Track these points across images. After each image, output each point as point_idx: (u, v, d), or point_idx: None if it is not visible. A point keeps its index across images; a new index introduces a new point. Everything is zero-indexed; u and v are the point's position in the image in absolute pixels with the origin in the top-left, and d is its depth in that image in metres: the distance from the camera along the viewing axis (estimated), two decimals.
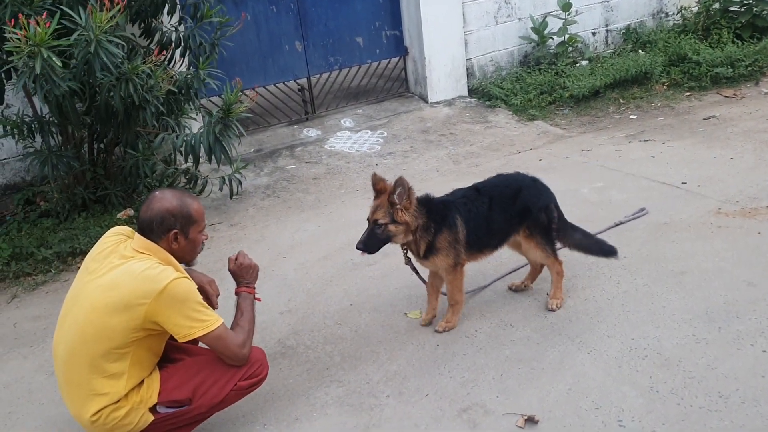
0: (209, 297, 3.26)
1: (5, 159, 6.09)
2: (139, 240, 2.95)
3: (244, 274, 3.22)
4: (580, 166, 5.94)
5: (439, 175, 6.12)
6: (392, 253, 4.66)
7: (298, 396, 3.46)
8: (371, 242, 3.53)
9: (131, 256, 2.89)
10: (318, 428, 3.24)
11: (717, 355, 3.35)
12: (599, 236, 4.16)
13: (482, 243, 3.77)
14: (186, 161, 5.70)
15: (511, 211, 3.77)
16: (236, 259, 3.24)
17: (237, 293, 3.20)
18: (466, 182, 3.96)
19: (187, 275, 2.94)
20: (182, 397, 2.98)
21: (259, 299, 3.26)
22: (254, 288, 3.22)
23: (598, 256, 4.02)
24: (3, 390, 3.81)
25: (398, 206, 3.48)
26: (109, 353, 2.82)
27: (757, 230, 4.44)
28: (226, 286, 3.38)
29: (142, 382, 2.95)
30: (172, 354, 3.13)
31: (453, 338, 3.76)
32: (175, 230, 2.93)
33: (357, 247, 3.53)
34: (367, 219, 3.58)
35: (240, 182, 5.89)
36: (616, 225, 4.71)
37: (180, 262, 3.02)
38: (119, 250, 2.95)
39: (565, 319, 3.80)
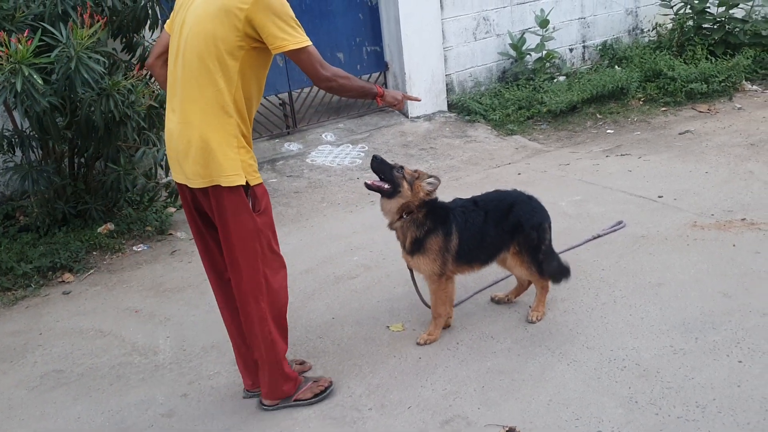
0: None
1: None
2: None
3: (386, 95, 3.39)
4: (558, 180, 6.02)
5: None
6: (374, 266, 4.71)
7: (280, 409, 3.45)
8: (384, 166, 3.63)
9: None
10: None
11: (694, 366, 3.41)
12: (577, 249, 4.23)
13: (472, 256, 3.80)
14: (167, 175, 5.68)
15: (503, 226, 3.80)
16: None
17: None
18: (446, 196, 3.99)
19: None
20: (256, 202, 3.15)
21: (380, 103, 3.38)
22: (383, 92, 3.34)
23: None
24: None
25: (421, 182, 3.63)
26: (221, 59, 2.94)
27: (731, 242, 4.53)
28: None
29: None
30: None
31: (435, 351, 3.78)
32: None
33: (374, 155, 3.66)
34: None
35: None
36: (594, 238, 4.77)
37: None
38: None
39: (546, 331, 3.84)
